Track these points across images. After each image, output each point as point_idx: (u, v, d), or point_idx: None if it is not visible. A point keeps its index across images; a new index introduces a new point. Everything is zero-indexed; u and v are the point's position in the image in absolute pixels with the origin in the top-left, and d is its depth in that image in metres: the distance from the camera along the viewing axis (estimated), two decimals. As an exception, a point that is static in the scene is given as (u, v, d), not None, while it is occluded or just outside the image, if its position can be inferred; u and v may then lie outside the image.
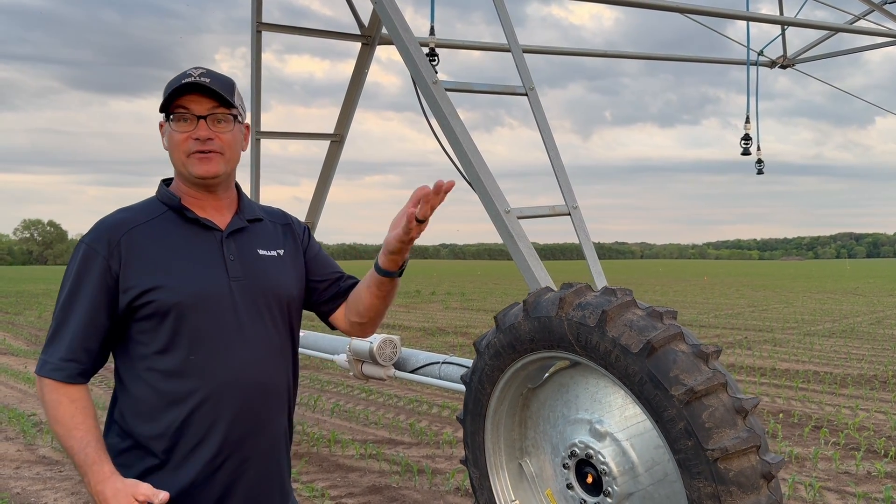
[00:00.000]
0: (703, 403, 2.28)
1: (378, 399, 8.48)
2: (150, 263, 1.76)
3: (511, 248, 3.18)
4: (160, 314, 1.74)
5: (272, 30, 5.80)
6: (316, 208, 6.64)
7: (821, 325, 16.76)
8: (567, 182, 3.36)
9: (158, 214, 1.84)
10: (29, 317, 19.74)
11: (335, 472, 5.56)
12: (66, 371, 1.74)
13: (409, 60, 3.35)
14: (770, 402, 8.21)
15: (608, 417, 2.77)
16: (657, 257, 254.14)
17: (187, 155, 1.80)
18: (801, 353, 12.06)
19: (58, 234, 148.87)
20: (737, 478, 2.25)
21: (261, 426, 1.84)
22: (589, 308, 2.55)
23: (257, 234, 1.95)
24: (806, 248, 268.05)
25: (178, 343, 1.75)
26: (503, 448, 3.22)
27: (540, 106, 3.47)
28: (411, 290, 31.37)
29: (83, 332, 1.75)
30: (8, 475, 5.60)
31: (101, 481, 1.68)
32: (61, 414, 1.73)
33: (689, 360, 2.34)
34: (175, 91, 1.77)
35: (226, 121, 1.83)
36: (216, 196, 1.89)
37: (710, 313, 19.92)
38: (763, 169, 7.63)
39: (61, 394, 1.74)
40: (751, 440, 2.28)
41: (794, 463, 5.87)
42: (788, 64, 8.02)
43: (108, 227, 1.79)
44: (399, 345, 4.79)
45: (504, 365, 2.97)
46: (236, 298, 1.81)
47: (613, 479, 2.67)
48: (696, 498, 2.31)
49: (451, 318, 18.53)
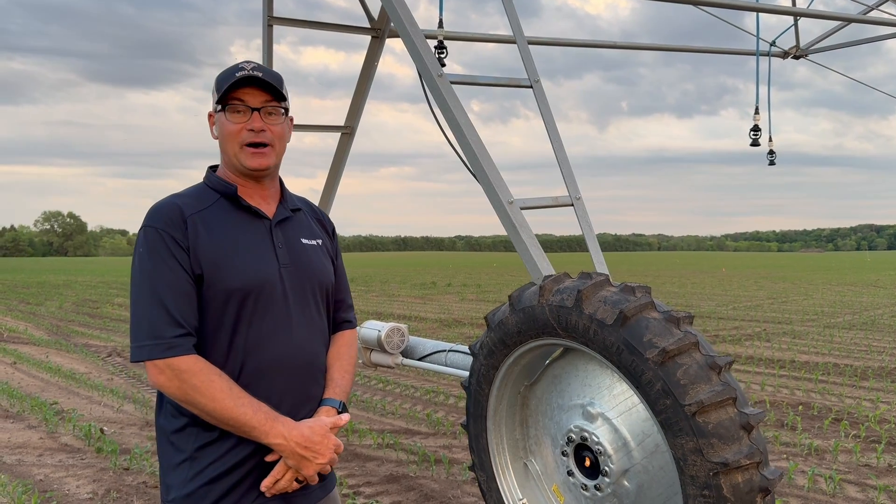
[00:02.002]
0: (677, 362, 2.39)
1: (395, 390, 8.52)
2: (212, 249, 1.82)
3: (514, 239, 3.24)
4: (221, 297, 1.81)
5: (283, 23, 5.87)
6: (327, 200, 6.72)
7: (841, 317, 16.60)
8: (571, 173, 3.39)
9: (213, 202, 1.91)
10: (50, 307, 20.00)
11: (353, 462, 5.60)
12: (185, 345, 1.76)
13: (415, 53, 3.39)
14: (789, 395, 8.15)
15: (598, 398, 2.87)
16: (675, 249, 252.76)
17: (241, 146, 1.88)
18: (821, 346, 11.96)
19: (77, 225, 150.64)
20: (716, 430, 2.33)
21: (307, 400, 1.95)
22: (566, 291, 2.70)
23: (300, 223, 2.05)
24: (825, 239, 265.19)
25: (233, 323, 1.83)
26: (507, 448, 3.30)
27: (545, 98, 3.49)
28: (427, 282, 31.43)
29: (184, 304, 1.78)
30: (31, 462, 5.69)
31: (293, 427, 1.82)
32: (219, 389, 1.75)
33: (660, 325, 2.48)
34: (232, 84, 1.85)
35: (277, 113, 1.92)
36: (263, 186, 1.98)
37: (728, 305, 19.79)
38: (775, 160, 7.61)
39: (204, 370, 1.76)
40: (726, 392, 2.37)
41: (814, 455, 5.83)
42: (801, 54, 7.93)
43: (173, 209, 1.84)
44: (406, 333, 4.94)
45: (498, 362, 3.10)
46: (285, 284, 1.91)
47: (609, 457, 2.75)
48: (681, 455, 2.39)
49: (466, 309, 18.55)
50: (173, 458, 1.86)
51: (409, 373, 9.51)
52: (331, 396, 2.00)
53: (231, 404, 1.75)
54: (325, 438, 1.86)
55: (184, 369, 1.74)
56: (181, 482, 1.83)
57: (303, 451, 1.81)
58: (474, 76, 3.61)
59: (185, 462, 1.83)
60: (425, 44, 3.37)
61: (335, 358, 2.08)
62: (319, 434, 1.85)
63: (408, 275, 40.24)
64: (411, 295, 24.18)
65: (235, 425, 1.77)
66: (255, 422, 1.76)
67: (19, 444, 6.21)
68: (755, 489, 2.38)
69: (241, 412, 1.75)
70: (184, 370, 1.73)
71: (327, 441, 1.87)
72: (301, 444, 1.81)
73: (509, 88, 3.79)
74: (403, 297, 23.47)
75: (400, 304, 20.58)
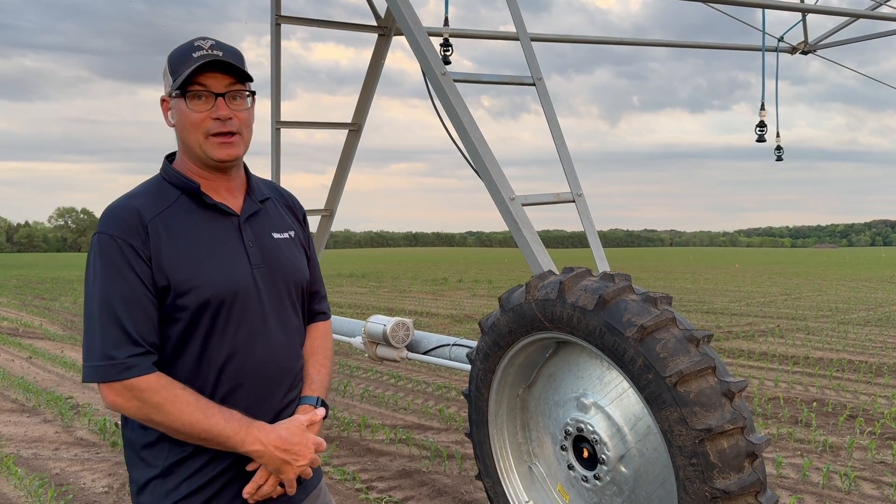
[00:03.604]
0: (655, 337, 2.50)
1: (406, 385, 8.54)
2: (180, 257, 1.67)
3: (516, 235, 3.30)
4: (192, 308, 1.67)
5: (291, 22, 5.96)
6: (335, 196, 6.80)
7: (855, 313, 16.47)
8: (572, 170, 3.43)
9: (174, 201, 1.74)
10: (64, 302, 20.18)
11: (365, 457, 5.62)
12: (143, 364, 1.62)
13: (419, 52, 3.45)
14: (803, 391, 8.10)
15: (590, 389, 2.97)
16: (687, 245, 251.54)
17: (206, 136, 1.70)
18: (835, 342, 11.87)
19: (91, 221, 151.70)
20: (698, 398, 2.42)
21: (287, 406, 1.85)
22: (550, 286, 2.82)
23: (269, 215, 1.90)
24: (839, 235, 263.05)
25: (205, 335, 1.70)
26: (510, 451, 3.39)
27: (547, 96, 3.54)
28: (438, 278, 31.44)
29: (142, 321, 1.64)
30: (47, 456, 5.75)
31: (270, 430, 1.72)
32: (185, 403, 1.63)
33: (638, 306, 2.59)
34: (194, 70, 1.66)
35: (242, 97, 1.75)
36: (228, 177, 1.81)
37: (741, 301, 19.68)
38: (782, 155, 7.59)
39: (166, 386, 1.63)
40: (704, 362, 2.46)
41: (829, 452, 5.79)
42: (810, 50, 7.88)
43: (129, 215, 1.67)
44: (412, 327, 5.00)
45: (493, 365, 3.21)
46: (259, 287, 1.78)
47: (604, 445, 2.84)
48: (667, 428, 2.46)
49: (478, 305, 18.54)
50: (144, 474, 1.74)
51: (420, 368, 9.52)
52: (307, 394, 1.90)
53: (200, 416, 1.63)
54: (304, 438, 1.76)
55: (143, 388, 1.60)
56: (154, 500, 1.72)
57: (283, 455, 1.71)
58: (478, 74, 3.67)
59: (157, 479, 1.72)
60: (429, 42, 3.44)
61: (310, 353, 1.97)
62: (297, 434, 1.75)
63: (419, 270, 40.27)
64: (423, 291, 24.19)
65: (208, 438, 1.65)
66: (230, 431, 1.65)
67: (35, 438, 6.28)
68: (742, 454, 2.44)
69: (213, 423, 1.64)
70: (143, 389, 1.60)
71: (306, 440, 1.77)
72: (280, 448, 1.71)
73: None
74: (415, 292, 23.49)
75: (411, 299, 20.60)
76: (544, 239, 3.43)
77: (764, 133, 7.40)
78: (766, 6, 6.32)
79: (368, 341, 5.15)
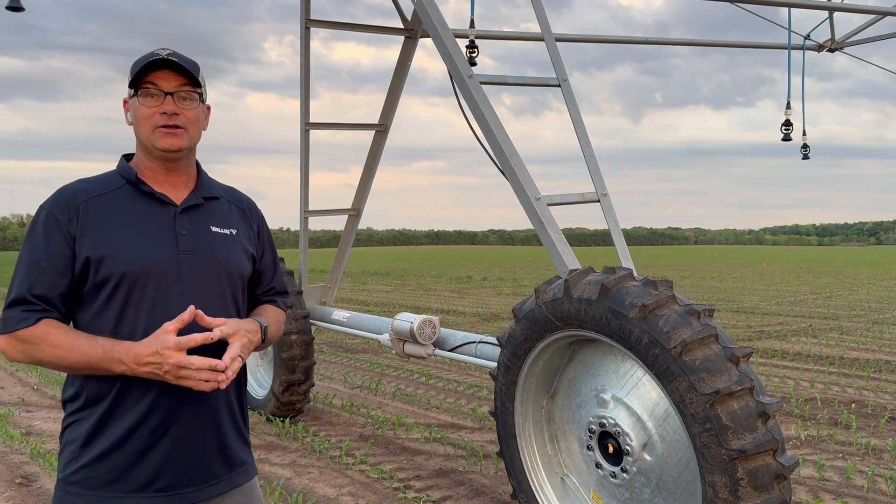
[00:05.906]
0: (657, 314, 2.63)
1: (437, 384, 8.52)
2: (102, 233, 1.81)
3: (541, 234, 3.36)
4: (107, 281, 1.79)
5: (320, 26, 6.04)
6: (362, 196, 6.85)
7: (889, 312, 16.19)
8: (597, 170, 3.45)
9: (117, 187, 1.89)
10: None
11: (401, 455, 5.61)
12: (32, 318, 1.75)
13: (446, 55, 3.48)
14: (841, 392, 7.95)
15: (608, 384, 3.08)
16: (712, 243, 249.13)
17: (153, 129, 1.85)
18: (871, 342, 11.66)
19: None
20: (703, 364, 2.52)
21: (192, 394, 1.84)
22: (556, 287, 2.99)
23: (212, 211, 1.99)
24: (868, 233, 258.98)
25: (120, 309, 1.81)
26: (541, 465, 3.47)
27: (572, 96, 3.55)
28: (462, 276, 31.44)
29: (44, 281, 1.77)
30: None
31: (131, 348, 1.74)
32: (53, 340, 1.74)
33: (640, 290, 2.74)
34: (144, 67, 1.83)
35: (191, 98, 1.89)
36: (176, 172, 1.94)
37: (771, 300, 19.42)
38: (809, 154, 7.52)
39: (41, 327, 1.75)
40: (706, 331, 2.58)
41: (871, 455, 5.67)
42: (837, 48, 7.76)
43: (68, 195, 1.84)
44: (438, 325, 5.07)
45: (515, 377, 3.33)
46: (183, 271, 1.86)
47: (627, 435, 2.94)
48: (679, 399, 2.56)
49: (504, 303, 18.49)
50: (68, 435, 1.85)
51: (450, 367, 9.51)
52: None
53: (65, 352, 1.73)
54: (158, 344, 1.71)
55: (25, 337, 1.74)
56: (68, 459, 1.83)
57: (147, 368, 1.71)
58: (503, 76, 3.71)
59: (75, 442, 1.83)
60: (456, 45, 3.47)
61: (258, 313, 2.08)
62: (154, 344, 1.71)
63: (443, 268, 40.28)
64: (447, 289, 24.19)
65: (86, 366, 1.74)
66: (97, 357, 1.72)
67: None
68: (753, 414, 2.52)
69: (80, 352, 1.72)
70: (25, 339, 1.74)
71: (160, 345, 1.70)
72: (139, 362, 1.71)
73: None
74: (440, 290, 23.50)
75: (437, 297, 20.61)
76: (567, 237, 3.48)
77: (790, 132, 7.35)
78: (793, 5, 6.25)
79: (396, 338, 5.24)
